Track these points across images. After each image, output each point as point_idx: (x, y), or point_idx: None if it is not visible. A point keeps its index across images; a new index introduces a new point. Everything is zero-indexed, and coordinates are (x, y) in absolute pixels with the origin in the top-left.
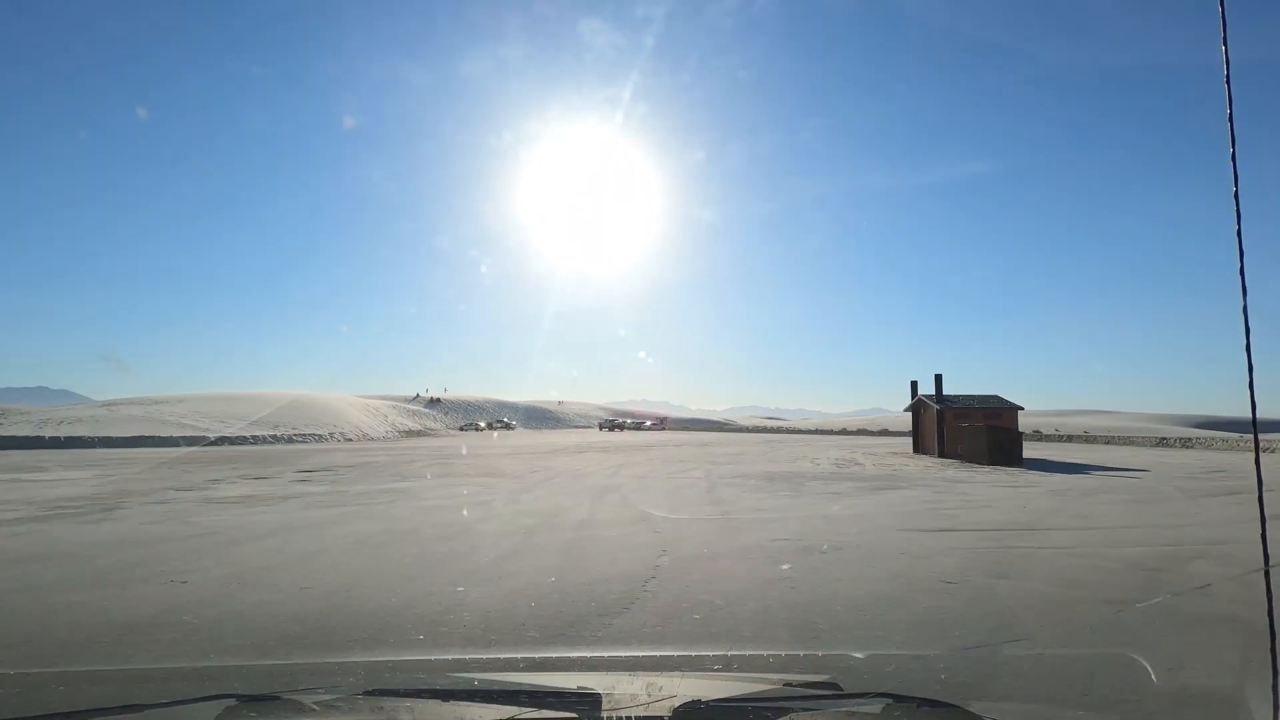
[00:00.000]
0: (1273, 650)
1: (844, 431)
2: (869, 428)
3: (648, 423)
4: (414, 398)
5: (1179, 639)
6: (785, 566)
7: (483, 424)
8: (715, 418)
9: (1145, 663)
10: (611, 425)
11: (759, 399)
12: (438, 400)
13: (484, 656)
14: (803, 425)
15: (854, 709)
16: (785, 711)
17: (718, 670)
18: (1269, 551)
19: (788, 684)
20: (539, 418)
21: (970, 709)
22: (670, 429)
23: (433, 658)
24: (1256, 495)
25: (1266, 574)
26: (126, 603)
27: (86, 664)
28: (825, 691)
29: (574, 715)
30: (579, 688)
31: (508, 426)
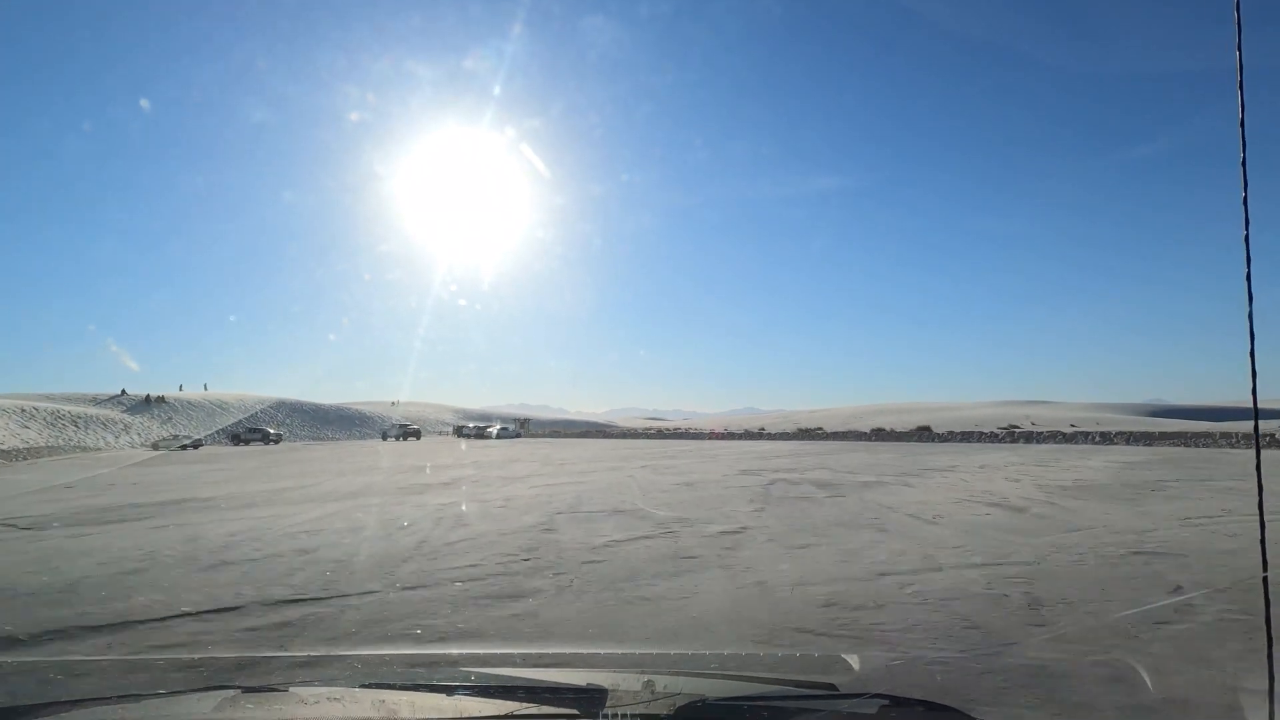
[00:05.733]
0: (1269, 656)
1: (806, 434)
2: (805, 424)
3: (492, 429)
4: (119, 394)
5: None
6: None
7: (185, 437)
8: (596, 420)
9: (1142, 670)
10: (405, 433)
11: (638, 400)
12: (159, 400)
13: (482, 651)
14: (688, 427)
15: (852, 710)
16: (784, 712)
17: (715, 669)
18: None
19: (786, 684)
20: (340, 422)
21: (966, 710)
22: (534, 435)
23: (431, 651)
24: (1257, 498)
25: (1265, 580)
26: None
27: (85, 654)
28: (823, 692)
29: (574, 711)
30: (580, 684)
31: (266, 438)
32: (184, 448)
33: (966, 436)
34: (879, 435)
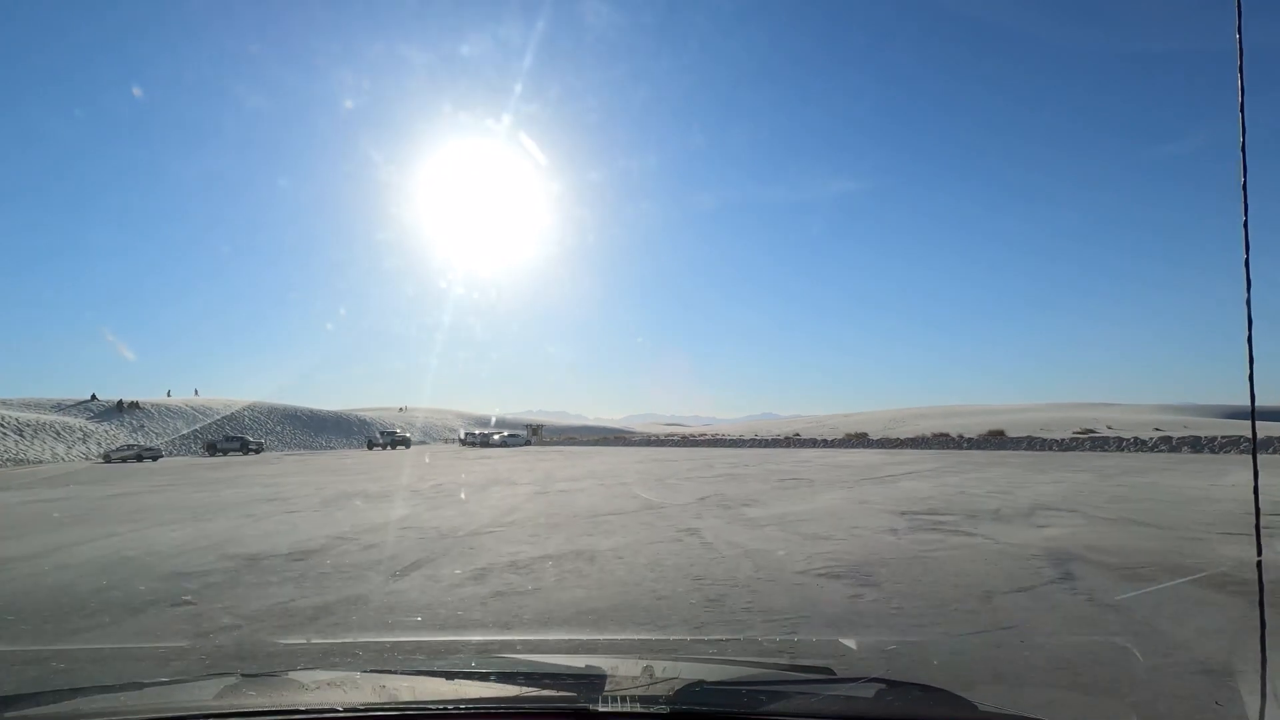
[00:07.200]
0: (1262, 640)
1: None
2: (845, 429)
3: (496, 436)
4: (88, 399)
5: None
6: None
7: (130, 447)
8: (614, 425)
9: (1134, 649)
10: (393, 440)
11: (655, 406)
12: (132, 405)
13: (482, 638)
14: (713, 434)
15: (848, 693)
16: (781, 694)
17: (713, 654)
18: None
19: (783, 668)
20: (337, 428)
21: (960, 693)
22: (546, 442)
23: (432, 639)
24: (1253, 490)
25: (1259, 565)
26: None
27: (87, 643)
28: (820, 676)
29: (573, 694)
30: (579, 668)
31: (245, 447)
32: (134, 458)
33: (1095, 445)
34: (946, 442)
